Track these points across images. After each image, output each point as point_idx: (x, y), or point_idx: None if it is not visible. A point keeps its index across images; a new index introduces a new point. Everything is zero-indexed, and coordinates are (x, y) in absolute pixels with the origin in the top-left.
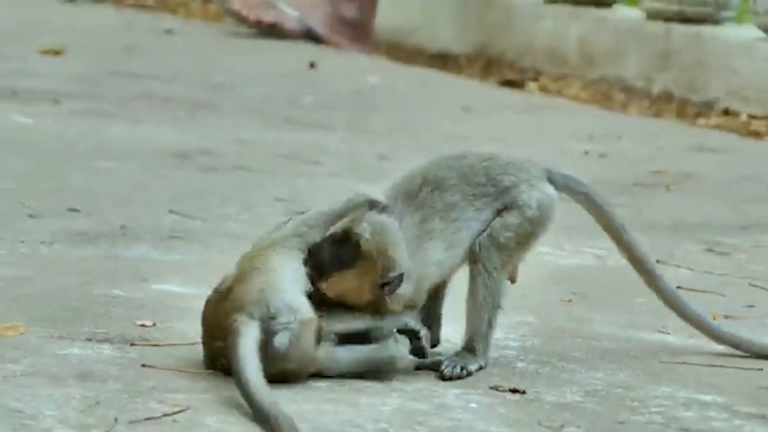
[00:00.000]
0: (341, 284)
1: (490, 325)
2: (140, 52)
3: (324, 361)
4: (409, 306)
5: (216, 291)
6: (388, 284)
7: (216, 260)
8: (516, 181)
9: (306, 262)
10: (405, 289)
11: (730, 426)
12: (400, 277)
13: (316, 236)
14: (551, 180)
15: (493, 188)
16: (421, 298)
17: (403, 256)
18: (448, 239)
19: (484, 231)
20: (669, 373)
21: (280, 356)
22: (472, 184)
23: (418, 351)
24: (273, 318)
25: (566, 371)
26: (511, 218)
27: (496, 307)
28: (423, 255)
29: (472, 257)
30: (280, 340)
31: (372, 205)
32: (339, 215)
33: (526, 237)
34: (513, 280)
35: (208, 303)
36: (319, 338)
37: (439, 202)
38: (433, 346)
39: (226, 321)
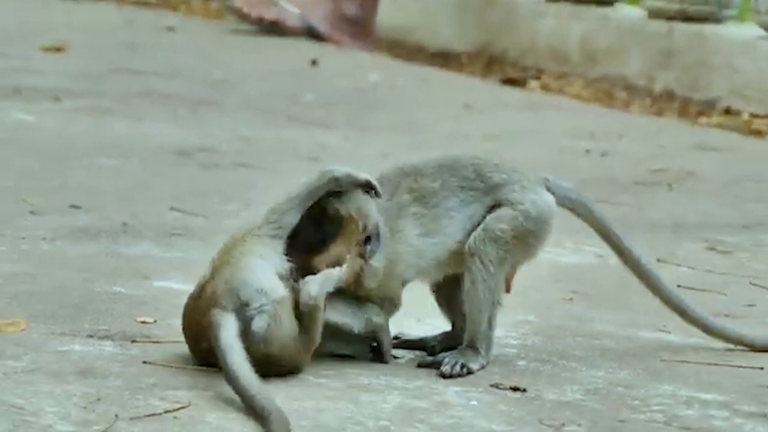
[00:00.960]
0: (332, 257)
1: (491, 322)
2: (141, 50)
3: (315, 335)
4: (388, 298)
5: (190, 297)
6: (368, 242)
7: None
8: (507, 179)
9: (291, 247)
10: (379, 260)
11: (730, 424)
12: (377, 231)
13: (291, 219)
14: (549, 189)
15: (481, 183)
16: (398, 289)
17: (375, 211)
18: (426, 225)
19: (476, 227)
20: (670, 371)
21: (262, 340)
22: (457, 176)
23: (378, 357)
24: (246, 305)
25: (567, 369)
26: (504, 212)
27: (495, 303)
28: (398, 236)
29: (469, 252)
30: (258, 324)
31: (337, 180)
32: (309, 195)
33: (522, 233)
34: (507, 289)
35: (186, 309)
36: (299, 314)
37: (418, 187)
38: (454, 347)
39: (204, 320)
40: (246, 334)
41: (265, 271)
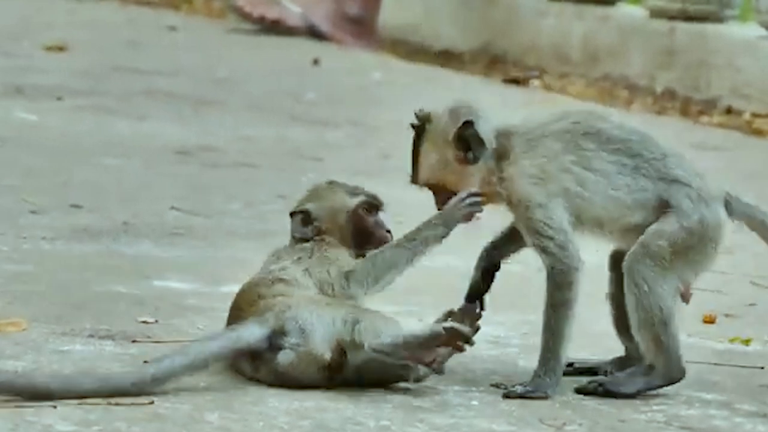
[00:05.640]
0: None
1: (659, 341)
2: (144, 49)
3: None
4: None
5: (252, 283)
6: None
7: (218, 257)
8: (687, 179)
9: None
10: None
11: (730, 424)
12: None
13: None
14: (727, 204)
15: (662, 169)
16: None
17: None
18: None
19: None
20: None
21: (278, 370)
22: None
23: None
24: (283, 333)
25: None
26: (667, 224)
27: (659, 323)
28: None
29: (625, 272)
30: (283, 358)
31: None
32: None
33: (684, 248)
34: (686, 300)
35: (243, 287)
36: (330, 370)
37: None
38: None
39: (244, 309)
40: (268, 354)
41: (322, 322)
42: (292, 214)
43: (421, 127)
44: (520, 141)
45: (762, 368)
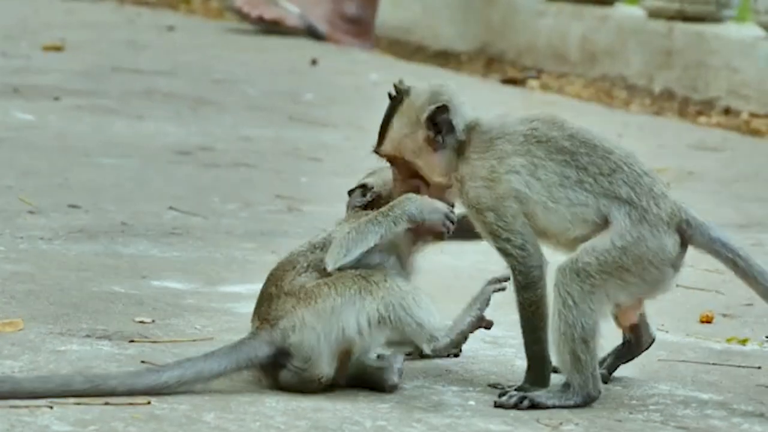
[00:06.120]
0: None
1: (576, 357)
2: (142, 49)
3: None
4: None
5: (275, 276)
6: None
7: (216, 257)
8: (632, 198)
9: None
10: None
11: (728, 424)
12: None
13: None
14: (683, 232)
15: (606, 186)
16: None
17: None
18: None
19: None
20: (667, 371)
21: (280, 382)
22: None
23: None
24: (288, 354)
25: None
26: (598, 242)
27: (578, 339)
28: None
29: (554, 283)
30: (284, 377)
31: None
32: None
33: (614, 269)
34: (618, 325)
35: (268, 276)
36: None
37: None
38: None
39: (263, 306)
40: (271, 367)
41: (328, 342)
42: (350, 192)
43: (398, 99)
44: (478, 140)
45: (759, 368)
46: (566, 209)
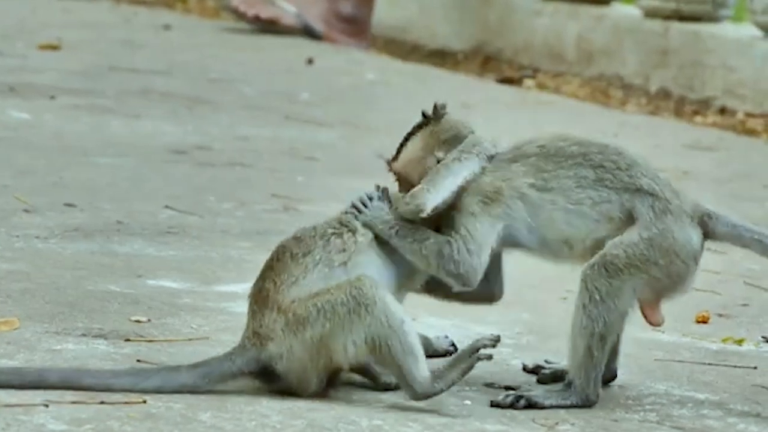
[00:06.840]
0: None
1: (591, 354)
2: (138, 48)
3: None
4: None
5: (260, 286)
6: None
7: (212, 256)
8: (653, 189)
9: None
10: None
11: (723, 424)
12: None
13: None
14: (705, 225)
15: (626, 179)
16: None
17: None
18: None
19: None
20: (663, 371)
21: (271, 388)
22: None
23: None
24: (276, 374)
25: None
26: (626, 235)
27: (596, 335)
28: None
29: (581, 277)
30: (275, 386)
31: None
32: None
33: (641, 262)
34: (654, 321)
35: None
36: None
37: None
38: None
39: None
40: (262, 377)
41: (316, 369)
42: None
43: (428, 121)
44: (491, 164)
45: (755, 368)
46: (590, 209)
